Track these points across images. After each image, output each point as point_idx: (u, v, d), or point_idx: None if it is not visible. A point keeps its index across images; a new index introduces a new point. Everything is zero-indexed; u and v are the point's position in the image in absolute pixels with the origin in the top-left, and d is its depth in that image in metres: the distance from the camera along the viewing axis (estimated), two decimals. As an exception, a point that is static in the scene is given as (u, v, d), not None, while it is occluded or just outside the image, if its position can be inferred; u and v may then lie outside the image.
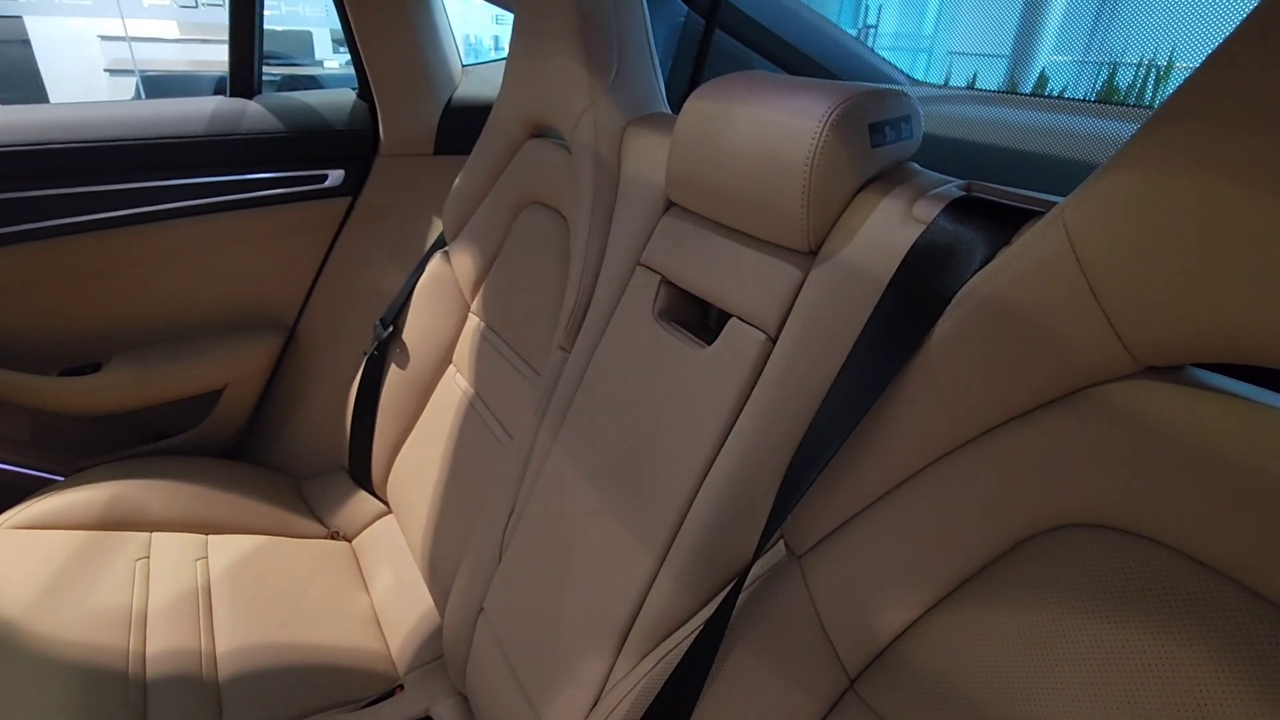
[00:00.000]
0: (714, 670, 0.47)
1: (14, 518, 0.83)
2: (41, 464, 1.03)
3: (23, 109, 0.93)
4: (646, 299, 0.62)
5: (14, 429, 1.01)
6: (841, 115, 0.47)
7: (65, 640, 0.70)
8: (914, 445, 0.41)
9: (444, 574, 0.81)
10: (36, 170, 0.91)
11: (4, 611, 0.71)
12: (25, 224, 0.91)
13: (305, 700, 0.73)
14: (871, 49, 1.21)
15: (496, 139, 0.89)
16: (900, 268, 0.44)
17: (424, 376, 0.96)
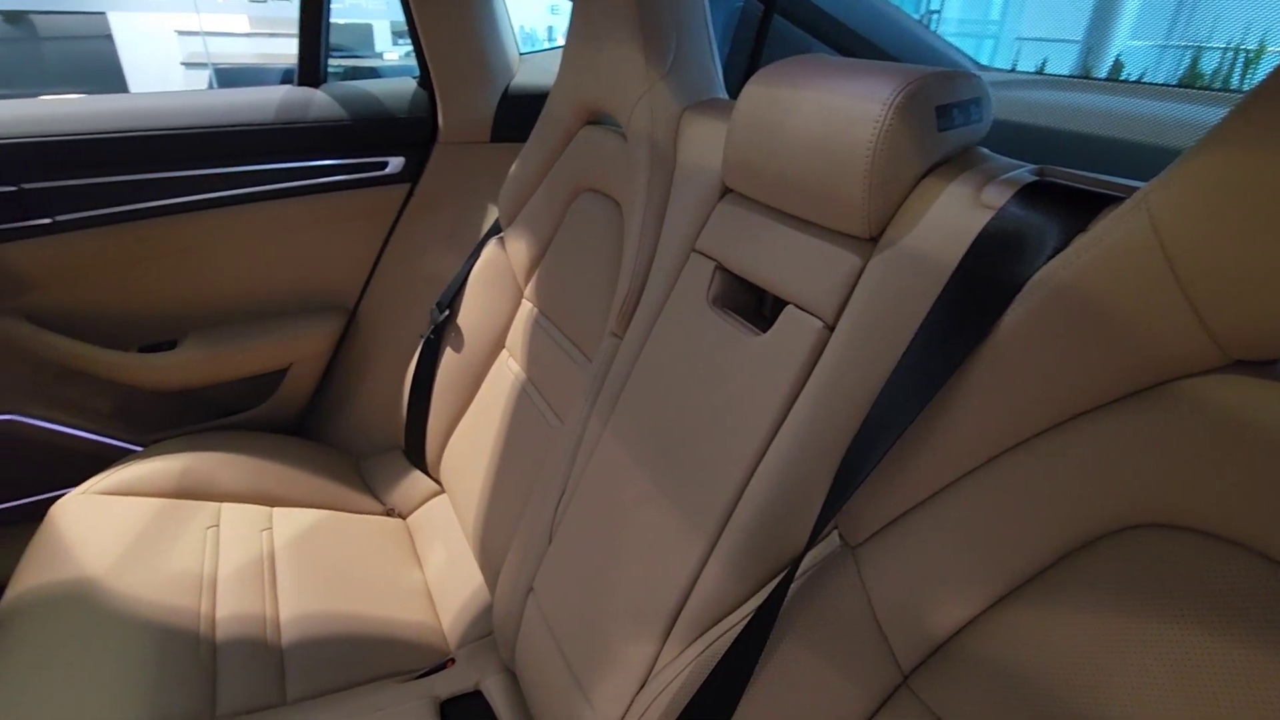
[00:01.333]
0: (763, 659, 0.47)
1: (99, 484, 0.88)
2: (121, 435, 1.10)
3: (106, 98, 0.98)
4: (701, 286, 0.62)
5: (97, 401, 1.08)
6: (908, 98, 0.45)
7: (143, 600, 0.74)
8: (979, 437, 0.39)
9: (494, 553, 0.83)
10: (119, 157, 0.96)
11: (90, 570, 0.76)
12: (109, 207, 0.97)
13: (363, 668, 0.76)
14: (936, 33, 1.17)
15: (552, 126, 0.90)
16: (967, 255, 0.42)
17: (478, 360, 0.98)
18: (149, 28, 4.69)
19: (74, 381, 1.04)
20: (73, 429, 1.05)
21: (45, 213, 0.93)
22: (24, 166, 0.91)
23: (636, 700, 0.54)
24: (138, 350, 1.05)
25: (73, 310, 1.00)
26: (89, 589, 0.74)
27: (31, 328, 0.97)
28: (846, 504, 0.44)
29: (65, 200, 0.94)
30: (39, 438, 1.03)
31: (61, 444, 1.05)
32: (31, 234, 0.93)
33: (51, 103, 0.94)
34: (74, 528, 0.81)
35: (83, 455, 1.06)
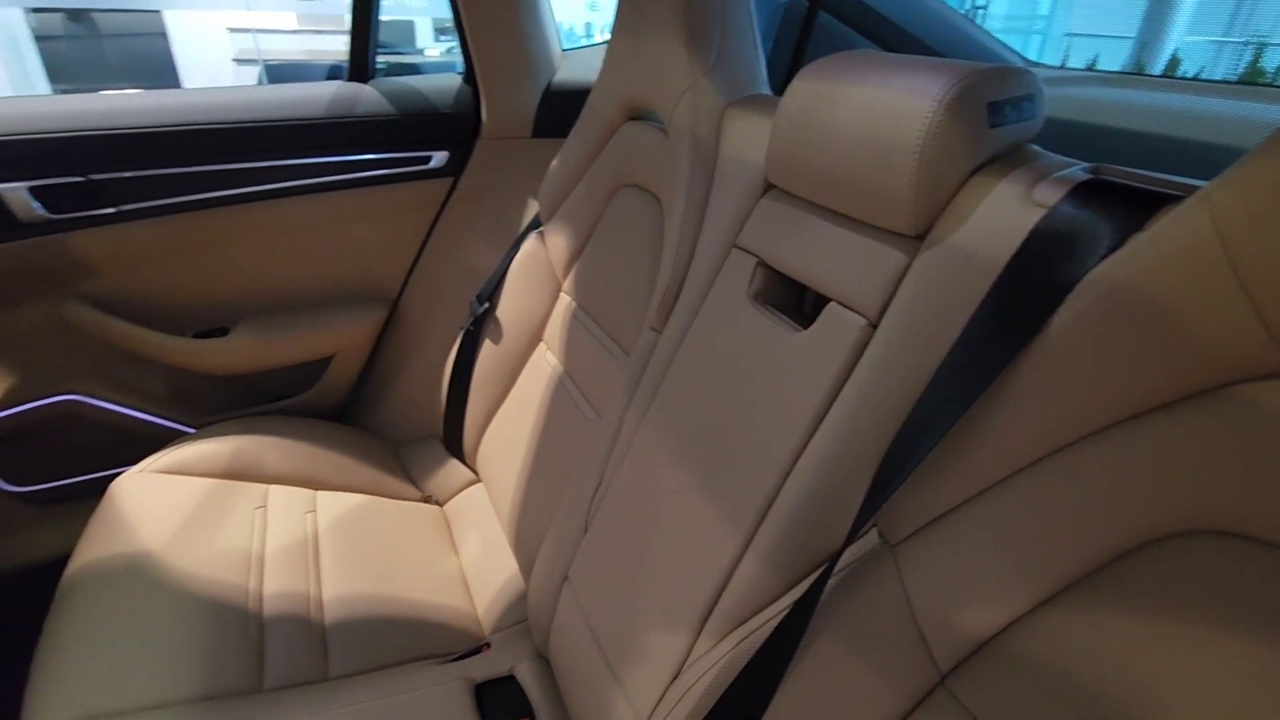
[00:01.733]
0: (798, 654, 0.47)
1: (155, 463, 0.92)
2: (175, 417, 1.14)
3: (169, 93, 1.02)
4: (741, 281, 0.62)
5: (153, 384, 1.12)
6: (959, 94, 0.45)
7: (196, 575, 0.78)
8: (1026, 438, 0.39)
9: (529, 542, 0.84)
10: (180, 149, 1.00)
11: (147, 545, 0.79)
12: (169, 198, 1.01)
13: (401, 649, 0.78)
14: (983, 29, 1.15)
15: (594, 121, 0.91)
16: (1017, 254, 0.42)
17: (515, 353, 0.99)
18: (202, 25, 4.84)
19: (133, 364, 1.09)
20: (130, 410, 1.10)
21: (110, 202, 0.97)
22: (91, 158, 0.95)
23: (670, 691, 0.55)
24: (192, 336, 1.09)
25: (133, 296, 1.05)
26: (146, 563, 0.77)
27: (95, 312, 1.01)
28: (887, 502, 0.44)
29: (129, 191, 0.98)
30: (100, 417, 1.08)
31: (120, 424, 1.10)
32: (97, 223, 0.97)
33: (116, 97, 0.99)
34: (132, 504, 0.85)
35: (139, 435, 1.11)
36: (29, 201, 0.92)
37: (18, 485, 1.05)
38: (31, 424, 1.03)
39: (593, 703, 0.63)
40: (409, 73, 1.20)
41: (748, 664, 0.48)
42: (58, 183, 0.94)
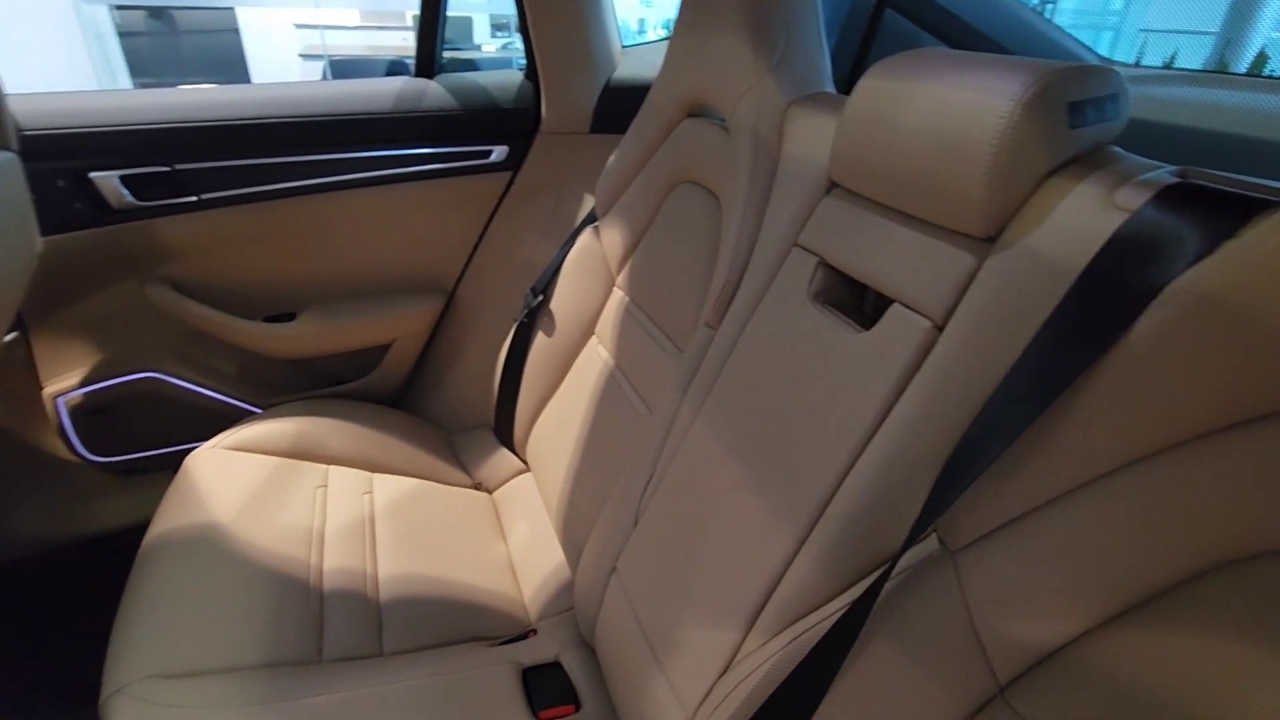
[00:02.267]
0: (850, 657, 0.47)
1: (226, 440, 0.97)
2: (244, 396, 1.19)
3: (248, 88, 1.07)
4: (801, 280, 0.62)
5: (225, 365, 1.18)
6: (1038, 93, 0.44)
7: (262, 548, 0.82)
8: (1099, 448, 0.38)
9: (577, 533, 0.86)
10: (257, 141, 1.04)
11: (218, 517, 0.84)
12: (245, 188, 1.06)
13: (451, 630, 0.81)
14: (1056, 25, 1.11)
15: (653, 117, 0.92)
16: (1096, 258, 0.41)
17: (568, 345, 1.01)
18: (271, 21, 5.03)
19: (207, 345, 1.14)
20: (203, 389, 1.16)
21: (192, 191, 1.02)
22: (176, 149, 1.00)
23: (717, 686, 0.55)
24: (262, 320, 1.14)
25: (209, 280, 1.10)
26: (218, 534, 0.81)
27: (175, 295, 1.07)
28: (949, 507, 0.43)
29: (209, 180, 1.03)
30: (176, 395, 1.14)
31: (194, 401, 1.15)
32: (180, 210, 1.03)
33: (200, 92, 1.04)
34: (205, 478, 0.90)
35: (211, 413, 1.17)
36: (120, 189, 0.98)
37: (101, 456, 1.12)
38: (115, 399, 1.10)
39: (638, 694, 0.64)
40: (467, 68, 1.22)
41: (799, 664, 0.48)
42: (146, 172, 0.99)
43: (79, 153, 0.95)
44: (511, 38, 5.46)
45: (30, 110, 0.92)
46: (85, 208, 0.97)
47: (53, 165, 0.94)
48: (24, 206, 0.79)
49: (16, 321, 1.01)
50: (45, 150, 0.92)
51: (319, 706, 0.65)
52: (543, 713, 0.70)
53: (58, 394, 1.06)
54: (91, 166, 0.96)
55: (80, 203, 0.97)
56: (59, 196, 0.95)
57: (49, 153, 0.93)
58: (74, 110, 0.95)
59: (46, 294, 1.00)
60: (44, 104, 0.94)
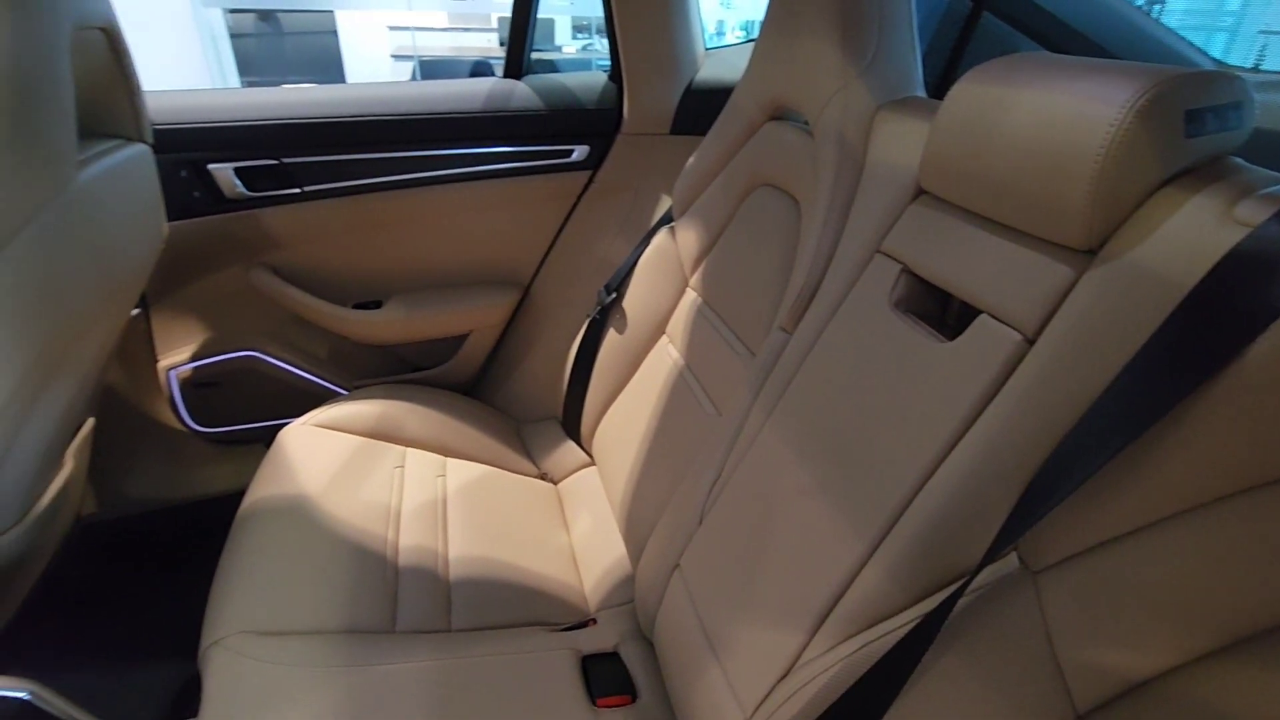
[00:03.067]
0: (919, 671, 0.46)
1: (315, 418, 1.03)
2: (331, 378, 1.27)
3: (346, 87, 1.13)
4: (883, 287, 0.61)
5: (316, 347, 1.25)
6: (1152, 100, 0.42)
7: (344, 520, 0.86)
8: (1204, 475, 0.36)
9: (640, 528, 0.87)
10: (356, 137, 1.11)
11: (307, 489, 0.89)
12: (344, 181, 1.12)
13: (515, 612, 0.83)
14: (1165, 27, 1.04)
15: (735, 119, 0.92)
16: (1209, 275, 0.39)
17: (638, 343, 1.02)
18: (366, 23, 5.29)
19: (302, 328, 1.22)
20: (297, 369, 1.23)
21: (296, 184, 1.09)
22: (283, 144, 1.07)
23: (778, 689, 0.55)
24: (352, 307, 1.21)
25: (307, 267, 1.18)
26: (306, 505, 0.87)
27: (277, 279, 1.14)
28: (1031, 526, 0.42)
29: (312, 173, 1.10)
30: (272, 373, 1.22)
31: (288, 380, 1.23)
32: (284, 201, 1.10)
33: (306, 90, 1.11)
34: (296, 452, 0.96)
35: (302, 392, 1.25)
36: (234, 180, 1.06)
37: (204, 426, 1.21)
38: (219, 374, 1.19)
39: (696, 690, 0.65)
40: (548, 69, 1.26)
41: (865, 673, 0.47)
42: (256, 164, 1.07)
43: (200, 146, 1.04)
44: (591, 39, 5.55)
45: (158, 106, 1.00)
46: (203, 197, 1.06)
47: (177, 157, 1.02)
48: (155, 194, 0.87)
49: (139, 299, 1.10)
50: (172, 143, 1.00)
51: (391, 674, 0.69)
52: (600, 701, 0.71)
53: (170, 367, 1.15)
54: (210, 159, 1.04)
55: (199, 192, 1.05)
56: (181, 186, 1.04)
57: (175, 145, 1.01)
58: (196, 106, 1.04)
59: (166, 275, 1.09)
60: (170, 101, 1.03)
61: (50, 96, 0.63)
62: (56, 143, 0.65)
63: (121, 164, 0.78)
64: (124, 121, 0.83)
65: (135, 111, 0.83)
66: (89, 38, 0.73)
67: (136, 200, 0.82)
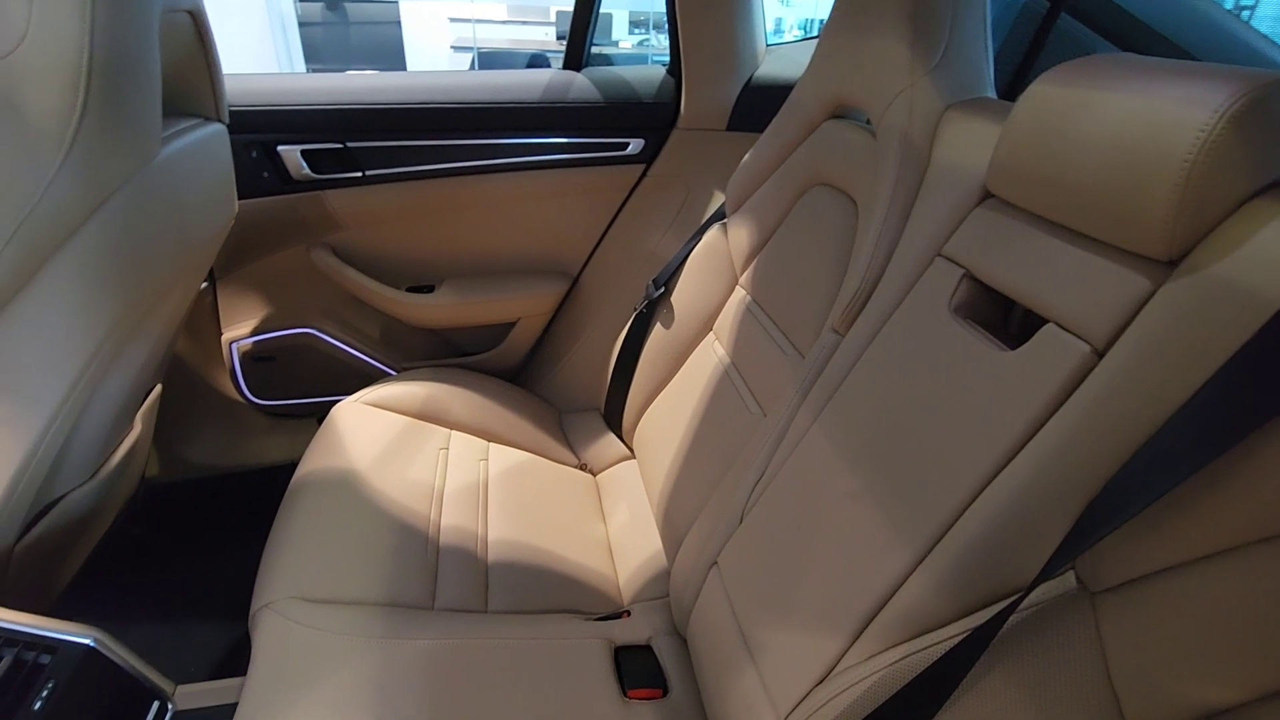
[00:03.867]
0: (964, 686, 0.45)
1: (366, 396, 1.06)
2: (382, 358, 1.30)
3: (409, 75, 1.16)
4: (943, 292, 0.59)
5: (369, 328, 1.29)
6: (1247, 106, 0.40)
7: (390, 497, 0.89)
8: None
9: (678, 524, 0.87)
10: (416, 124, 1.13)
11: (355, 464, 0.92)
12: (403, 166, 1.15)
13: (550, 598, 0.84)
14: (1255, 30, 0.99)
15: (794, 117, 0.91)
16: None
17: (685, 339, 1.02)
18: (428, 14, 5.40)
19: (357, 309, 1.25)
20: (350, 347, 1.27)
21: (358, 167, 1.12)
22: (348, 128, 1.11)
23: (814, 693, 0.55)
24: (405, 290, 1.24)
25: (364, 249, 1.21)
26: (354, 480, 0.89)
27: (335, 260, 1.18)
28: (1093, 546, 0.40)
29: (372, 158, 1.13)
30: (327, 350, 1.26)
31: (341, 358, 1.27)
32: (348, 184, 1.13)
33: (370, 77, 1.14)
34: (346, 429, 0.98)
35: (354, 370, 1.28)
36: (300, 162, 1.09)
37: (261, 399, 1.26)
38: (277, 349, 1.23)
39: (728, 689, 0.64)
40: (604, 63, 1.26)
41: (906, 685, 0.46)
42: (322, 148, 1.10)
43: (271, 128, 1.07)
44: (648, 35, 5.55)
45: (233, 88, 1.04)
46: (271, 177, 1.09)
47: (249, 138, 1.06)
48: (229, 173, 0.91)
49: (208, 273, 1.15)
50: (244, 124, 1.04)
51: (428, 649, 0.71)
52: (632, 692, 0.72)
53: (232, 340, 1.20)
54: (280, 140, 1.08)
55: (268, 172, 1.09)
56: (252, 166, 1.08)
57: (247, 127, 1.05)
58: (268, 90, 1.07)
59: (233, 251, 1.13)
60: (244, 83, 1.06)
61: (142, 76, 0.66)
62: (145, 119, 0.68)
63: (200, 142, 0.82)
64: (204, 101, 0.86)
65: (215, 92, 0.87)
66: (176, 20, 0.77)
67: (212, 177, 0.86)
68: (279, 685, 0.64)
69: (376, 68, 1.69)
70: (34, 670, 0.61)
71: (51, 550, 0.79)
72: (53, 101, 0.60)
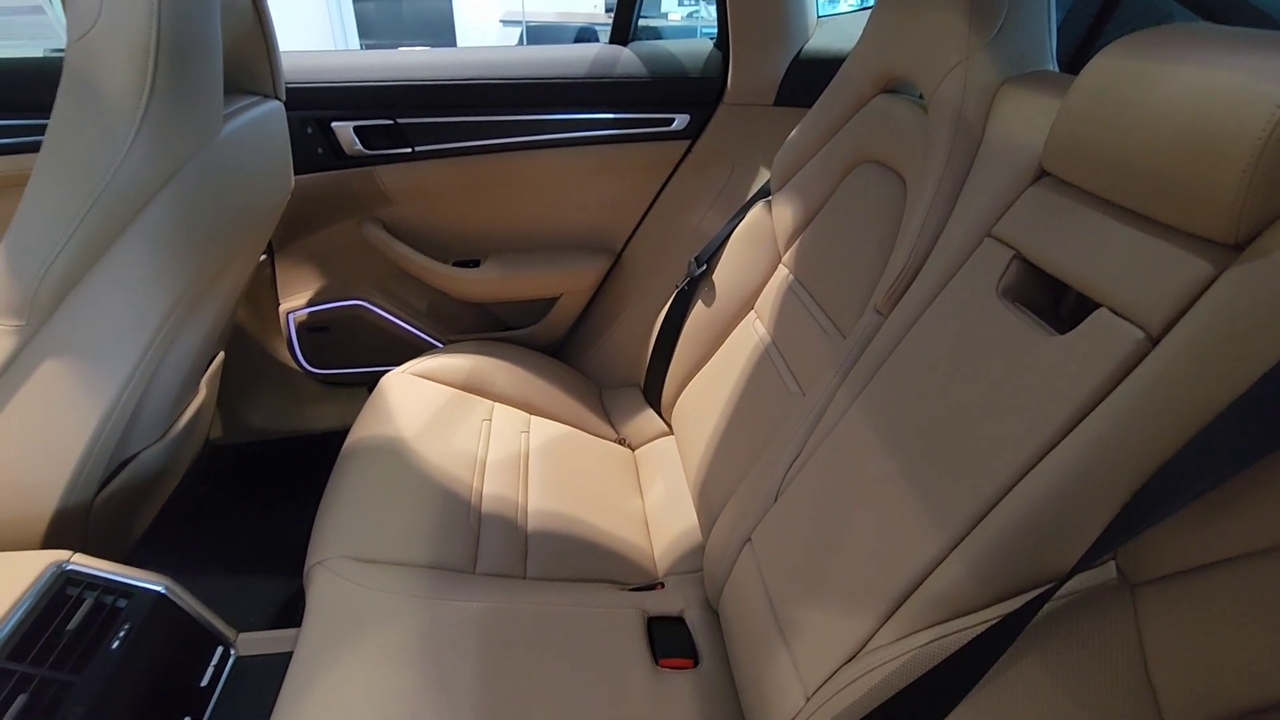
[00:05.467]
0: (995, 671, 0.45)
1: (413, 367, 1.09)
2: (429, 330, 1.34)
3: (457, 51, 1.17)
4: (992, 274, 0.58)
5: (417, 301, 1.32)
6: None
7: (436, 465, 0.92)
8: None
9: (713, 499, 0.87)
10: (463, 100, 1.14)
11: (403, 433, 0.95)
12: (451, 142, 1.17)
13: (586, 567, 0.86)
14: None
15: (844, 91, 0.88)
16: None
17: (725, 317, 1.02)
18: (478, -11, 5.41)
19: (405, 282, 1.29)
20: (398, 320, 1.31)
21: (408, 143, 1.15)
22: (397, 104, 1.13)
23: (843, 671, 0.55)
24: (452, 264, 1.26)
25: (413, 224, 1.24)
26: (402, 447, 0.93)
27: (385, 234, 1.21)
28: (1136, 537, 0.39)
29: (421, 134, 1.15)
30: (377, 322, 1.30)
31: (390, 330, 1.31)
32: (397, 160, 1.16)
33: (420, 53, 1.15)
34: (394, 398, 1.02)
35: (403, 342, 1.32)
36: (353, 138, 1.12)
37: (315, 368, 1.31)
38: (330, 320, 1.28)
39: (758, 663, 0.65)
40: (653, 36, 1.25)
41: (935, 666, 0.47)
42: (373, 124, 1.13)
43: (325, 104, 1.10)
44: (697, 6, 5.44)
45: (289, 65, 1.07)
46: (325, 153, 1.13)
47: (304, 114, 1.09)
48: (285, 148, 0.94)
49: (266, 246, 1.20)
50: (300, 101, 1.07)
51: (469, 611, 0.74)
52: (663, 661, 0.73)
53: (289, 310, 1.25)
54: (334, 117, 1.11)
55: (322, 148, 1.12)
56: (307, 142, 1.11)
57: (302, 103, 1.08)
58: (322, 67, 1.10)
59: (289, 225, 1.18)
60: (299, 60, 1.09)
61: (205, 54, 0.69)
62: (209, 96, 0.71)
63: (259, 118, 0.85)
64: (262, 79, 0.89)
65: (273, 70, 0.89)
66: (236, 0, 0.79)
67: (270, 153, 0.89)
68: (331, 638, 0.68)
69: (428, 43, 1.73)
70: (112, 613, 0.66)
71: (126, 504, 0.84)
72: (125, 80, 0.63)
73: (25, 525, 0.72)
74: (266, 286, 1.24)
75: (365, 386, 1.35)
